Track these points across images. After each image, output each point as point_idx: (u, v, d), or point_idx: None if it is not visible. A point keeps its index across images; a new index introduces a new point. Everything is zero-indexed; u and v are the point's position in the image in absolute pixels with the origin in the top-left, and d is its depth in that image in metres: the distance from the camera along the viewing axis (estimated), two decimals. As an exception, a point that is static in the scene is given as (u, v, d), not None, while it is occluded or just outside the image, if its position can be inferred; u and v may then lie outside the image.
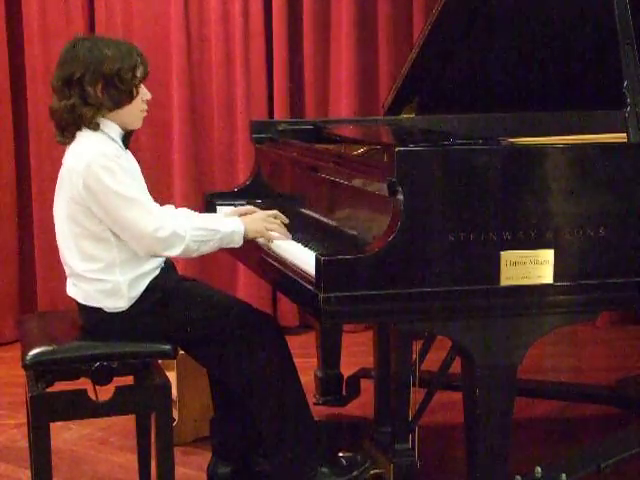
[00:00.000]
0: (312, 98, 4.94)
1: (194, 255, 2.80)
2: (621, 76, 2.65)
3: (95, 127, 2.75)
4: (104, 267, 2.76)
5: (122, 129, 2.82)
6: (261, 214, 2.94)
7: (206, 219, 2.89)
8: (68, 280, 2.86)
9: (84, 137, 2.76)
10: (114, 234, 2.74)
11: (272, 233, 2.86)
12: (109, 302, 2.77)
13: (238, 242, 2.83)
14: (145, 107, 2.84)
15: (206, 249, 2.79)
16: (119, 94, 2.75)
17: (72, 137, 2.77)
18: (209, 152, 4.93)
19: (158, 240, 2.70)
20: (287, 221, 2.94)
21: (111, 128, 2.78)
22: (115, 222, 2.71)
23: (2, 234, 4.80)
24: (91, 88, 2.72)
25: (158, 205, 2.83)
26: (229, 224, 2.82)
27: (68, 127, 2.76)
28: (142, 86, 2.81)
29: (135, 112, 2.82)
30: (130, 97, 2.78)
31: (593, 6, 3.03)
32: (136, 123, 2.85)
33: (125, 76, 2.74)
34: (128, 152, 2.87)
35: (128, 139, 2.86)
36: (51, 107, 2.80)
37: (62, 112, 2.74)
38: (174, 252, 2.74)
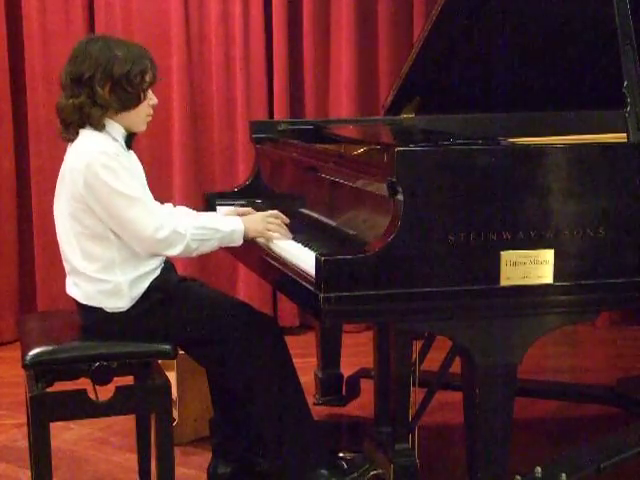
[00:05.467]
0: (312, 98, 4.94)
1: (194, 254, 2.80)
2: (621, 76, 2.65)
3: (100, 127, 2.76)
4: (104, 266, 2.76)
5: (126, 130, 2.83)
6: (261, 214, 2.95)
7: (206, 218, 2.89)
8: (68, 279, 2.86)
9: (87, 136, 2.77)
10: (114, 233, 2.74)
11: (272, 233, 2.87)
12: (110, 302, 2.77)
13: (238, 241, 2.84)
14: (151, 112, 2.86)
15: (206, 248, 2.80)
16: (126, 96, 2.77)
17: (76, 134, 2.78)
18: (209, 152, 4.93)
19: (159, 240, 2.71)
20: (287, 221, 2.95)
21: (115, 129, 2.80)
22: (115, 221, 2.71)
23: (2, 234, 4.80)
24: (100, 88, 2.73)
25: (159, 204, 2.83)
26: (229, 223, 2.83)
27: (73, 124, 2.77)
28: (150, 91, 2.83)
29: (141, 116, 2.83)
30: (137, 101, 2.79)
31: (593, 6, 3.03)
32: (141, 126, 2.86)
33: (134, 79, 2.76)
34: (132, 153, 2.88)
35: (131, 140, 2.87)
36: (58, 103, 2.80)
37: (69, 110, 2.75)
38: (175, 251, 2.75)
